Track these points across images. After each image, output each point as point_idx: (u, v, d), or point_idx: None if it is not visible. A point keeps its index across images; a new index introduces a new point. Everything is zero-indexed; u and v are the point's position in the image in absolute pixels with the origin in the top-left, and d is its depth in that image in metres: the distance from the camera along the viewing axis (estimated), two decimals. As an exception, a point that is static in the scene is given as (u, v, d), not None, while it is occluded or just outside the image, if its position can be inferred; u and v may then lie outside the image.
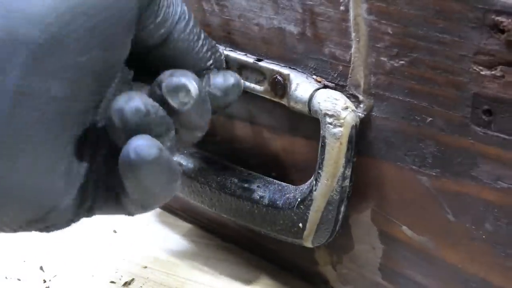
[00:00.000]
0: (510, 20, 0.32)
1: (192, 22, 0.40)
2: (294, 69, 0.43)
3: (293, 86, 0.42)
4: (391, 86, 0.39)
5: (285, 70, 0.43)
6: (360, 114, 0.41)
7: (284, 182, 0.46)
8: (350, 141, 0.40)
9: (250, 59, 0.45)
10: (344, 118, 0.40)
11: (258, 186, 0.46)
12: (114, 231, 0.58)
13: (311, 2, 0.40)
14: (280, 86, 0.43)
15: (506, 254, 0.38)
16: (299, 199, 0.43)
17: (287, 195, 0.45)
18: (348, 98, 0.41)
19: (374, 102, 0.40)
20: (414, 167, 0.40)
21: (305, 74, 0.43)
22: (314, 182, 0.42)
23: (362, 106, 0.41)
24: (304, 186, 0.44)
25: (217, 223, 0.56)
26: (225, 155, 0.50)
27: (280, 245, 0.48)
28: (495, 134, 0.35)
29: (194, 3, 0.46)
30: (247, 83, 0.45)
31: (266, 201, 0.45)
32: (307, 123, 0.43)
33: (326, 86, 0.42)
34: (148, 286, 0.52)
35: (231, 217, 0.48)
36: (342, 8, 0.39)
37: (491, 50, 0.34)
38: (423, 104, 0.38)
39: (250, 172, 0.48)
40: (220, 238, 0.56)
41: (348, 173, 0.41)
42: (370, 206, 0.43)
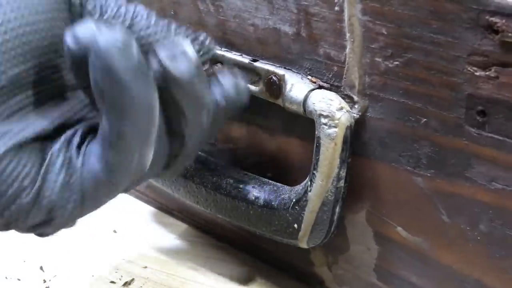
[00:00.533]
0: (504, 20, 0.32)
1: (150, 18, 0.38)
2: (289, 69, 0.43)
3: (288, 87, 0.42)
4: (386, 87, 0.39)
5: (280, 71, 0.43)
6: (355, 115, 0.41)
7: (279, 182, 0.46)
8: (345, 141, 0.40)
9: (245, 60, 0.45)
10: (338, 119, 0.40)
11: (253, 187, 0.46)
12: (114, 231, 0.58)
13: (306, 3, 0.40)
14: (275, 87, 0.43)
15: (500, 255, 0.38)
16: (294, 200, 0.43)
17: (282, 196, 0.45)
18: (343, 98, 0.41)
19: (369, 102, 0.40)
20: (408, 168, 0.40)
21: (300, 74, 0.42)
22: (309, 182, 0.42)
23: (357, 106, 0.40)
24: (299, 187, 0.44)
25: (213, 224, 0.56)
26: (220, 156, 0.50)
27: (275, 245, 0.48)
28: (490, 135, 0.35)
29: (190, 3, 0.46)
30: (243, 84, 0.45)
31: (261, 201, 0.45)
32: (302, 124, 0.43)
33: (321, 87, 0.42)
34: (148, 286, 0.52)
35: (227, 217, 0.48)
36: (336, 8, 0.39)
37: (485, 50, 0.34)
38: (418, 105, 0.38)
39: (246, 172, 0.48)
40: (215, 238, 0.56)
41: (343, 173, 0.41)
42: (365, 207, 0.43)
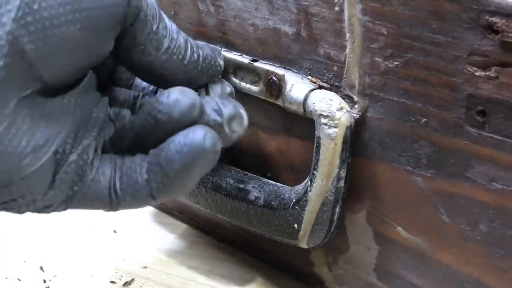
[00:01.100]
0: (504, 20, 0.32)
1: (178, 42, 0.39)
2: (289, 69, 0.43)
3: (288, 87, 0.42)
4: (386, 87, 0.39)
5: (280, 71, 0.43)
6: (354, 115, 0.41)
7: (279, 182, 0.46)
8: (345, 141, 0.40)
9: (245, 60, 0.45)
10: (339, 119, 0.40)
11: (253, 187, 0.46)
12: (114, 231, 0.58)
13: (306, 3, 0.40)
14: (275, 87, 0.43)
15: (500, 255, 0.38)
16: (294, 200, 0.43)
17: (282, 196, 0.45)
18: (343, 98, 0.41)
19: (368, 102, 0.40)
20: (408, 168, 0.40)
21: (300, 74, 0.42)
22: (309, 182, 0.42)
23: (356, 106, 0.40)
24: (299, 187, 0.44)
25: (213, 224, 0.56)
26: (220, 156, 0.50)
27: (275, 245, 0.48)
28: (489, 135, 0.35)
29: (190, 4, 0.46)
30: (243, 84, 0.45)
31: (261, 201, 0.45)
32: (302, 124, 0.43)
33: (321, 87, 0.42)
34: (148, 286, 0.52)
35: (227, 217, 0.48)
36: (336, 8, 0.39)
37: (485, 51, 0.34)
38: (418, 105, 0.38)
39: (246, 172, 0.48)
40: (216, 238, 0.56)
41: (343, 173, 0.41)
42: (365, 207, 0.43)
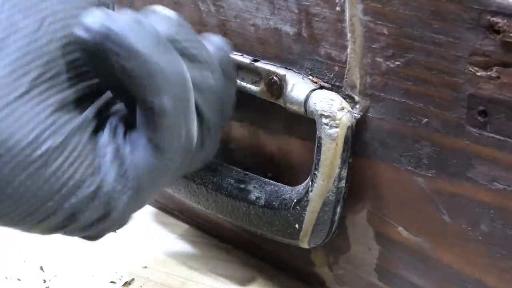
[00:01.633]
0: (505, 20, 0.32)
1: None
2: (290, 69, 0.43)
3: (289, 87, 0.42)
4: (387, 87, 0.39)
5: (281, 71, 0.43)
6: (356, 115, 0.41)
7: (280, 182, 0.46)
8: (346, 142, 0.40)
9: (246, 60, 0.45)
10: (340, 119, 0.40)
11: (254, 187, 0.46)
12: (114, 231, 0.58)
13: (307, 3, 0.40)
14: (276, 87, 0.43)
15: (501, 255, 0.38)
16: (295, 200, 0.43)
17: (283, 196, 0.45)
18: (344, 99, 0.41)
19: (370, 103, 0.40)
20: (409, 168, 0.40)
21: (301, 74, 0.42)
22: (310, 183, 0.42)
23: (358, 107, 0.40)
24: (300, 187, 0.44)
25: (213, 224, 0.56)
26: (221, 156, 0.50)
27: (276, 245, 0.48)
28: (491, 135, 0.35)
29: (190, 4, 0.46)
30: (243, 84, 0.45)
31: (262, 202, 0.45)
32: (303, 124, 0.43)
33: (322, 87, 0.42)
34: (148, 286, 0.52)
35: (228, 217, 0.48)
36: (338, 8, 0.39)
37: (487, 51, 0.34)
38: (419, 105, 0.38)
39: (247, 172, 0.48)
40: (216, 238, 0.56)
41: (344, 174, 0.41)
42: (366, 207, 0.43)
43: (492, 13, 0.33)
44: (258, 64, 0.44)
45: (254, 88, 0.44)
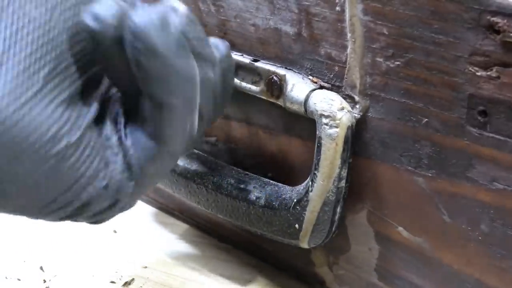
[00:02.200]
0: (505, 20, 0.32)
1: None
2: (290, 69, 0.43)
3: (289, 87, 0.42)
4: (387, 87, 0.39)
5: (281, 71, 0.43)
6: (356, 115, 0.41)
7: (280, 182, 0.46)
8: (346, 141, 0.40)
9: (246, 60, 0.45)
10: (340, 119, 0.40)
11: (254, 187, 0.46)
12: (114, 231, 0.58)
13: (307, 3, 0.40)
14: (276, 87, 0.43)
15: (501, 255, 0.38)
16: (295, 200, 0.43)
17: (283, 196, 0.45)
18: (344, 98, 0.41)
19: (370, 103, 0.40)
20: (409, 168, 0.40)
21: (301, 74, 0.42)
22: (310, 183, 0.42)
23: (358, 106, 0.40)
24: (300, 187, 0.44)
25: (213, 224, 0.56)
26: (221, 156, 0.50)
27: (276, 245, 0.48)
28: (491, 135, 0.35)
29: (191, 3, 0.46)
30: (243, 84, 0.45)
31: (262, 202, 0.45)
32: (303, 124, 0.43)
33: (322, 87, 0.42)
34: (148, 286, 0.52)
35: (228, 217, 0.48)
36: (338, 8, 0.39)
37: (487, 51, 0.34)
38: (419, 105, 0.38)
39: (246, 172, 0.48)
40: (216, 238, 0.56)
41: (344, 174, 0.41)
42: (366, 207, 0.43)
43: (492, 13, 0.33)
44: (258, 64, 0.44)
45: (254, 88, 0.44)
